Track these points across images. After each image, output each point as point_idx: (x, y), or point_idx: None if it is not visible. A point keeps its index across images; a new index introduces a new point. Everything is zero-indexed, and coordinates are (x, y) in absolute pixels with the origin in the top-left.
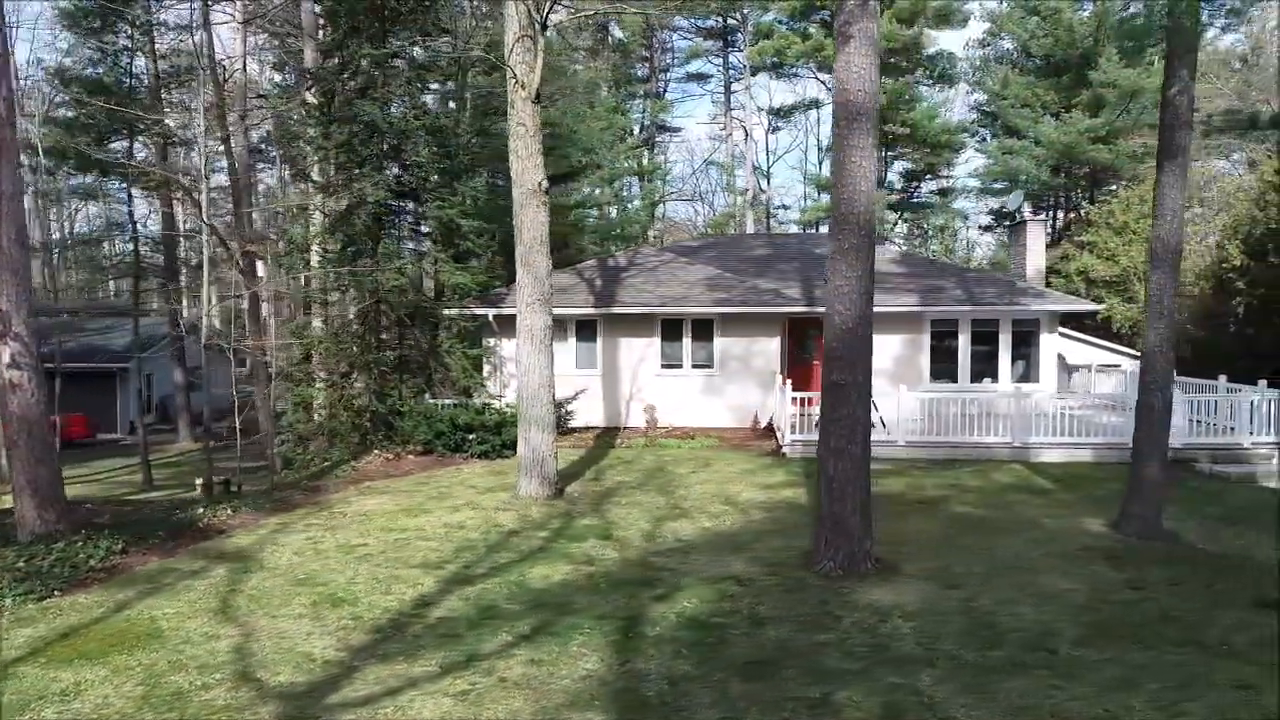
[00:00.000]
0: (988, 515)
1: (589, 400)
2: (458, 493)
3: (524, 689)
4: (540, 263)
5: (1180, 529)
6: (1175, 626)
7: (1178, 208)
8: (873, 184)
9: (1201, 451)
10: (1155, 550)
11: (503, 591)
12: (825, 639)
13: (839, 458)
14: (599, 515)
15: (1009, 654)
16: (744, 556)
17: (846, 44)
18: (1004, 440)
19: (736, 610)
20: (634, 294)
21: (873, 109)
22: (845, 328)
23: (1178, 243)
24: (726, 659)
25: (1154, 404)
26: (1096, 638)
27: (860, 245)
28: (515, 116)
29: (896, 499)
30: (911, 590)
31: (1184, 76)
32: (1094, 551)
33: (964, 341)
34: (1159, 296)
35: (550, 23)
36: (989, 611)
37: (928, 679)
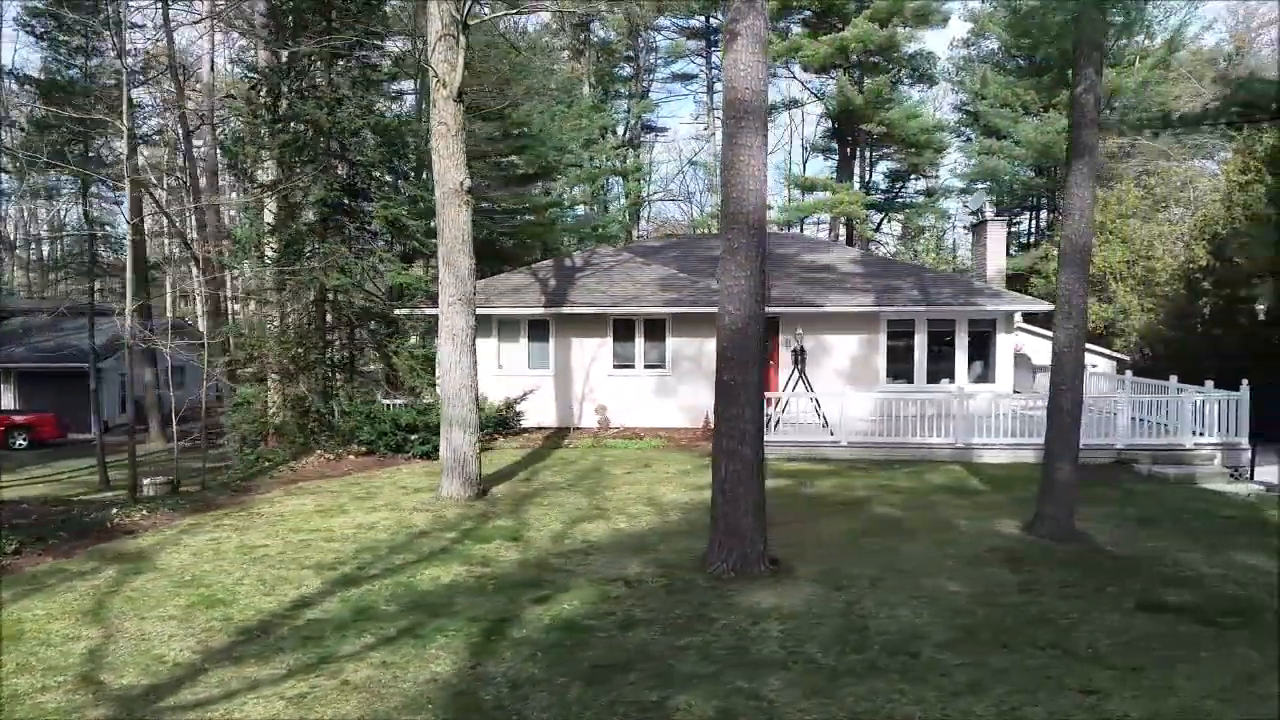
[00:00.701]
0: (906, 516)
1: (542, 400)
2: (384, 493)
3: (363, 692)
4: (462, 262)
5: (1096, 530)
6: (1048, 630)
7: (1085, 206)
8: (763, 183)
9: (1143, 452)
10: (1060, 552)
11: (386, 593)
12: (689, 642)
13: (730, 459)
14: (516, 516)
15: (870, 658)
16: (644, 558)
17: (734, 41)
18: (947, 441)
19: (611, 613)
20: (587, 294)
21: (761, 107)
22: (735, 328)
23: (1086, 242)
24: (579, 662)
25: (1063, 405)
26: (964, 641)
27: (750, 245)
28: (437, 115)
29: (821, 499)
30: (798, 592)
31: (1090, 75)
32: (998, 553)
33: (920, 341)
34: (1068, 296)
35: (470, 22)
36: (867, 614)
37: (776, 683)
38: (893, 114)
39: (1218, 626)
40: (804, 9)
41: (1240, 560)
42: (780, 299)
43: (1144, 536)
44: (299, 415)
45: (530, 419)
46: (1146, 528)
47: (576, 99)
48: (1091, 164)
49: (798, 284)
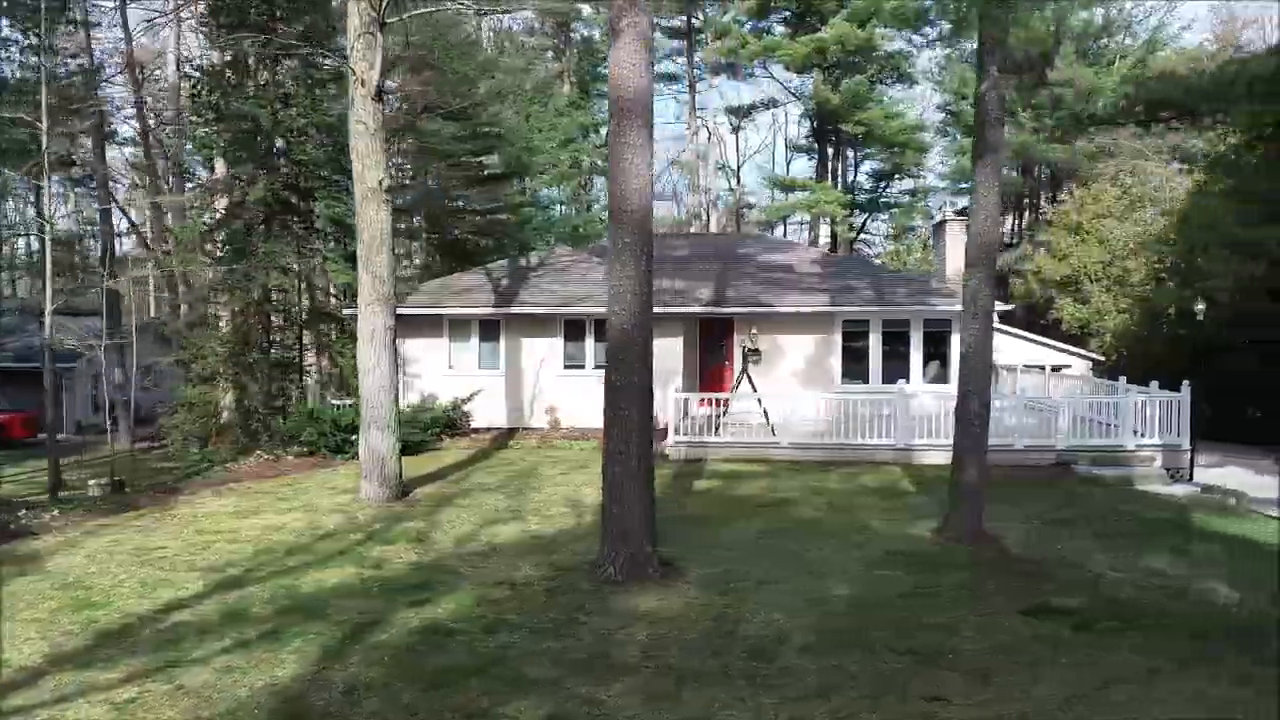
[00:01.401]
0: (824, 518)
1: (492, 401)
2: (309, 495)
3: (194, 698)
4: (381, 262)
5: (1009, 533)
6: (918, 635)
7: (991, 206)
8: (647, 182)
9: (1084, 453)
10: (963, 555)
11: (265, 596)
12: (548, 647)
13: (617, 462)
14: (430, 518)
15: (725, 662)
16: (543, 560)
17: (617, 39)
18: (889, 443)
19: (483, 616)
20: (538, 294)
21: (645, 105)
22: (620, 328)
23: (993, 241)
24: (426, 666)
25: (970, 406)
26: (828, 646)
27: (635, 244)
28: (355, 114)
29: (744, 501)
30: (681, 595)
31: (993, 72)
32: (900, 556)
33: (875, 342)
34: (973, 297)
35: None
36: (741, 618)
37: (619, 689)
38: (871, 114)
39: (1095, 632)
40: (784, 9)
41: (1147, 564)
42: (735, 299)
43: (1056, 539)
44: (242, 416)
45: (481, 419)
46: (1063, 530)
47: (554, 98)
48: (997, 163)
49: (754, 284)
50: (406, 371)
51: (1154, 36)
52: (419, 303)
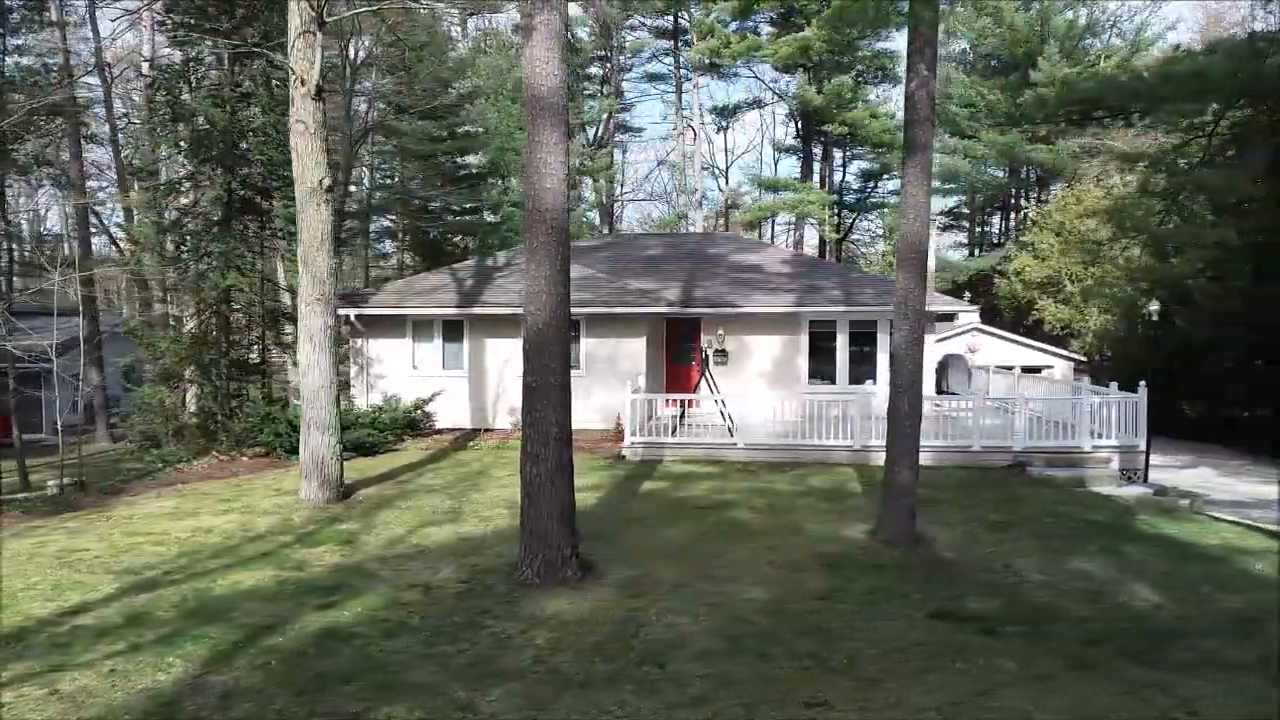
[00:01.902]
0: (761, 521)
1: (456, 401)
2: (252, 496)
3: (66, 703)
4: (321, 262)
5: (943, 535)
6: (818, 638)
7: (921, 205)
8: (562, 181)
9: (1040, 454)
10: (890, 557)
11: (175, 599)
12: (441, 650)
13: (535, 463)
14: (366, 519)
15: (617, 668)
16: (466, 562)
17: (530, 37)
18: (845, 444)
19: (386, 620)
20: (502, 294)
21: (559, 104)
22: (537, 329)
23: (922, 241)
24: (309, 671)
25: (901, 407)
26: (724, 651)
27: (551, 243)
28: (295, 113)
29: (686, 503)
30: (591, 598)
31: (922, 70)
32: (825, 558)
33: (842, 342)
34: (904, 297)
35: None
36: (646, 622)
37: (499, 694)
38: (856, 114)
39: (998, 635)
40: (769, 9)
41: (1076, 566)
42: (703, 299)
43: (990, 541)
44: (199, 416)
45: (445, 420)
46: (999, 532)
47: None
48: (926, 162)
49: (723, 284)
50: (370, 372)
51: (1138, 37)
52: (382, 303)
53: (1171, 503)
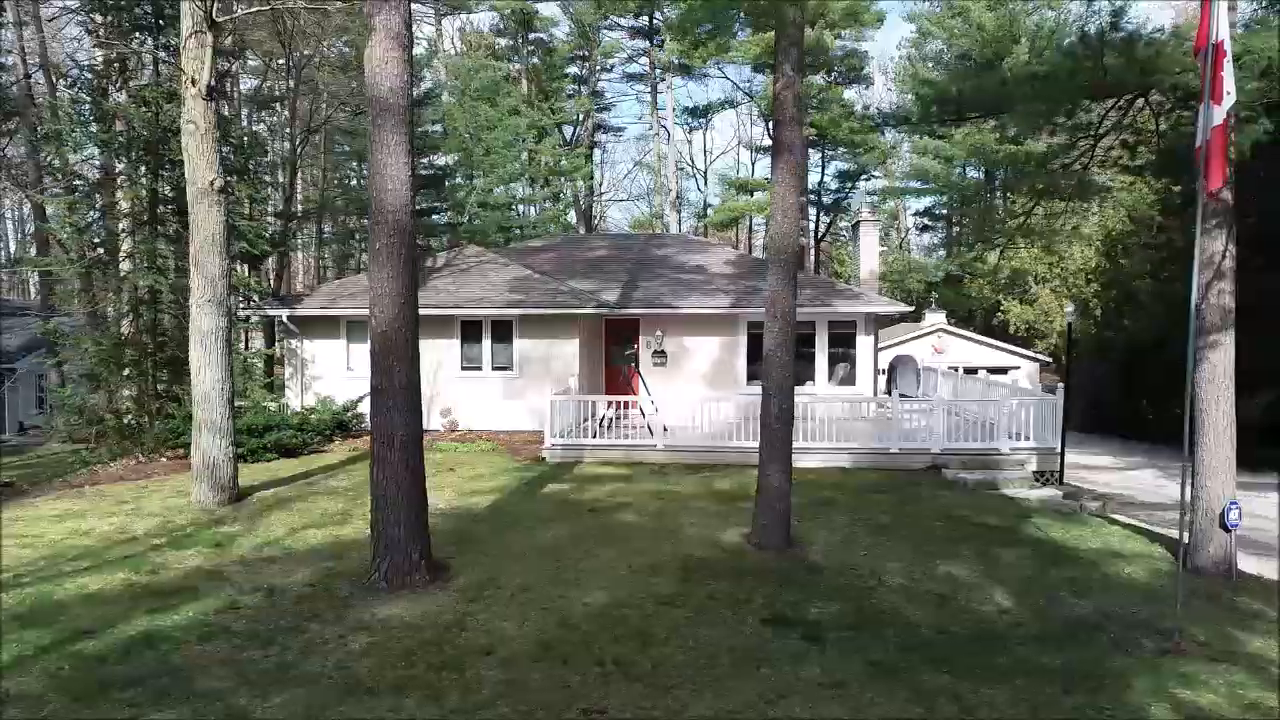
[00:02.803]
0: (644, 524)
1: None
2: (149, 498)
3: None
4: (212, 263)
5: (820, 539)
6: (633, 644)
7: (790, 207)
8: (405, 183)
9: (956, 457)
10: (755, 562)
11: (12, 601)
12: (250, 655)
13: (381, 467)
14: (250, 522)
15: (416, 673)
16: (324, 567)
17: (371, 37)
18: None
19: (211, 624)
20: (436, 295)
21: (400, 106)
22: (381, 331)
23: (792, 243)
24: (97, 677)
25: (770, 409)
26: (532, 655)
27: (394, 245)
28: (186, 114)
29: (578, 506)
30: (430, 604)
31: (788, 71)
32: (686, 563)
33: None
34: (773, 299)
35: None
36: (473, 627)
37: (281, 700)
38: (825, 115)
39: (820, 641)
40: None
41: (943, 571)
42: (641, 300)
43: (868, 545)
44: (118, 417)
45: None
46: (882, 536)
47: (506, 97)
48: (793, 163)
49: (664, 285)
50: (306, 373)
51: None
52: (315, 303)
53: (1073, 506)
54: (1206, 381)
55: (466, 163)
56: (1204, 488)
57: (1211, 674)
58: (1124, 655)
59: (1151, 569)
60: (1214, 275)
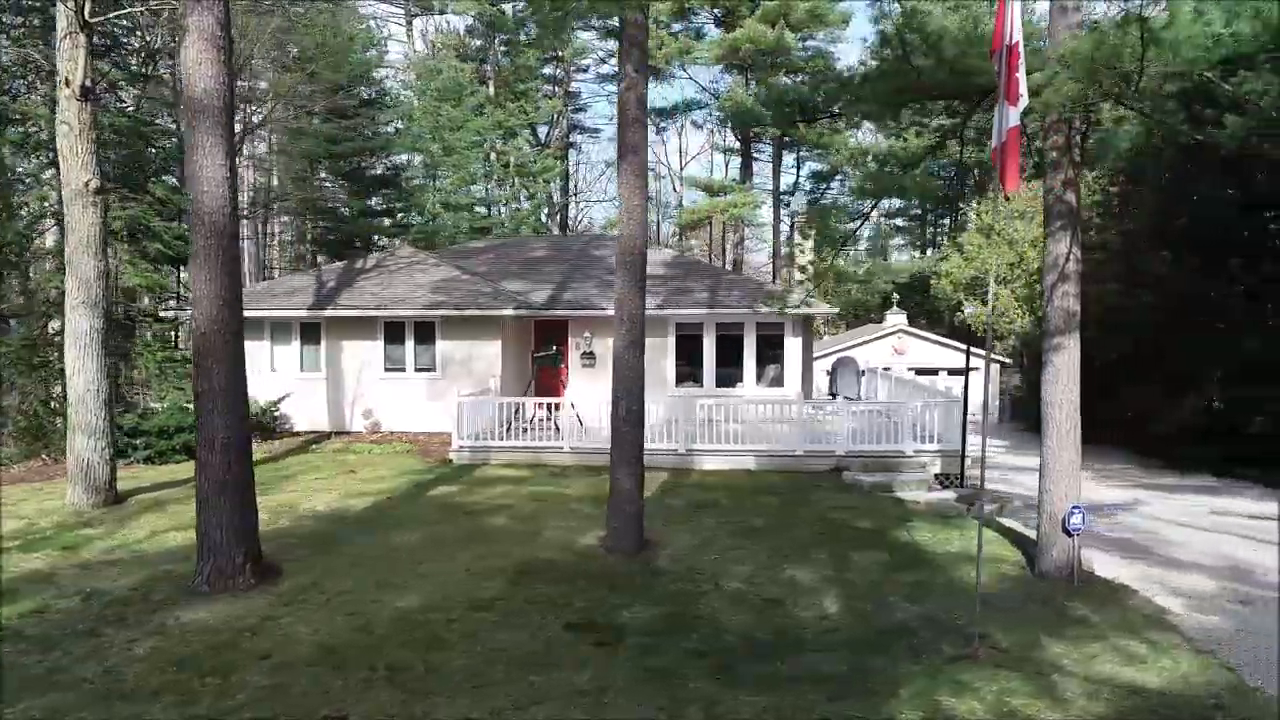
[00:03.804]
0: (509, 526)
1: (315, 404)
2: (33, 500)
3: None
4: (87, 265)
5: (680, 541)
6: (420, 649)
7: (635, 209)
8: (222, 184)
9: (858, 459)
10: (599, 565)
11: None
12: (23, 662)
13: (204, 470)
14: (117, 525)
15: (182, 678)
16: (161, 569)
17: (185, 37)
18: (670, 447)
19: (12, 628)
20: (360, 296)
21: (217, 107)
22: (201, 332)
23: (639, 245)
24: None
25: (619, 411)
26: (308, 661)
27: (213, 247)
28: (60, 114)
29: (454, 508)
30: (242, 608)
31: (630, 72)
32: (530, 566)
33: (709, 345)
34: (621, 301)
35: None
36: (265, 633)
37: (28, 705)
38: None
39: (613, 647)
40: (704, 8)
41: (788, 575)
42: (570, 302)
43: (725, 548)
44: (26, 418)
45: (303, 422)
46: (744, 539)
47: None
48: (638, 165)
49: (595, 286)
50: None
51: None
52: None
53: (961, 509)
54: (1050, 384)
55: (430, 163)
56: (1048, 491)
57: (991, 680)
58: (914, 662)
59: (999, 574)
60: (1058, 278)
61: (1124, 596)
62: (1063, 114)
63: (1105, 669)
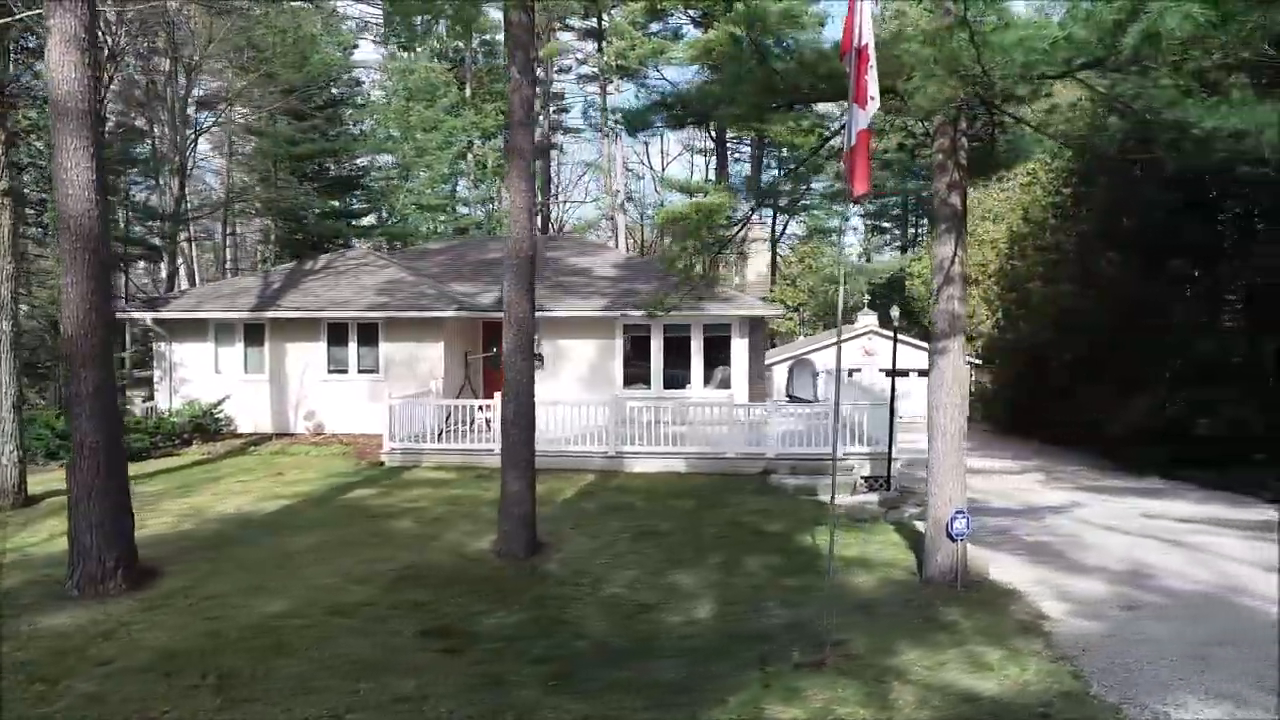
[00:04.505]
0: (408, 530)
1: (258, 405)
2: None
3: None
4: None
5: (576, 546)
6: (257, 656)
7: (520, 210)
8: (88, 187)
9: (787, 462)
10: (485, 570)
11: None
12: None
13: (72, 473)
14: (20, 527)
15: (9, 684)
16: (45, 572)
17: (49, 38)
18: (600, 450)
19: None
20: (304, 297)
21: (80, 109)
22: (69, 336)
23: (526, 247)
24: None
25: (507, 415)
26: (140, 669)
27: (79, 250)
28: None
29: (362, 511)
30: (105, 613)
31: (514, 75)
32: (413, 571)
33: (656, 347)
34: (509, 304)
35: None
36: (117, 638)
37: None
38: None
39: (460, 654)
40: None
41: (673, 580)
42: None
43: (618, 553)
44: None
45: (247, 424)
46: (643, 543)
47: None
48: (526, 167)
49: (546, 288)
50: (175, 376)
51: None
52: (183, 306)
53: (879, 512)
54: (935, 388)
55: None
56: (934, 495)
57: (827, 687)
58: (761, 669)
59: (886, 578)
60: (944, 280)
61: (1006, 602)
62: (948, 117)
63: (948, 676)
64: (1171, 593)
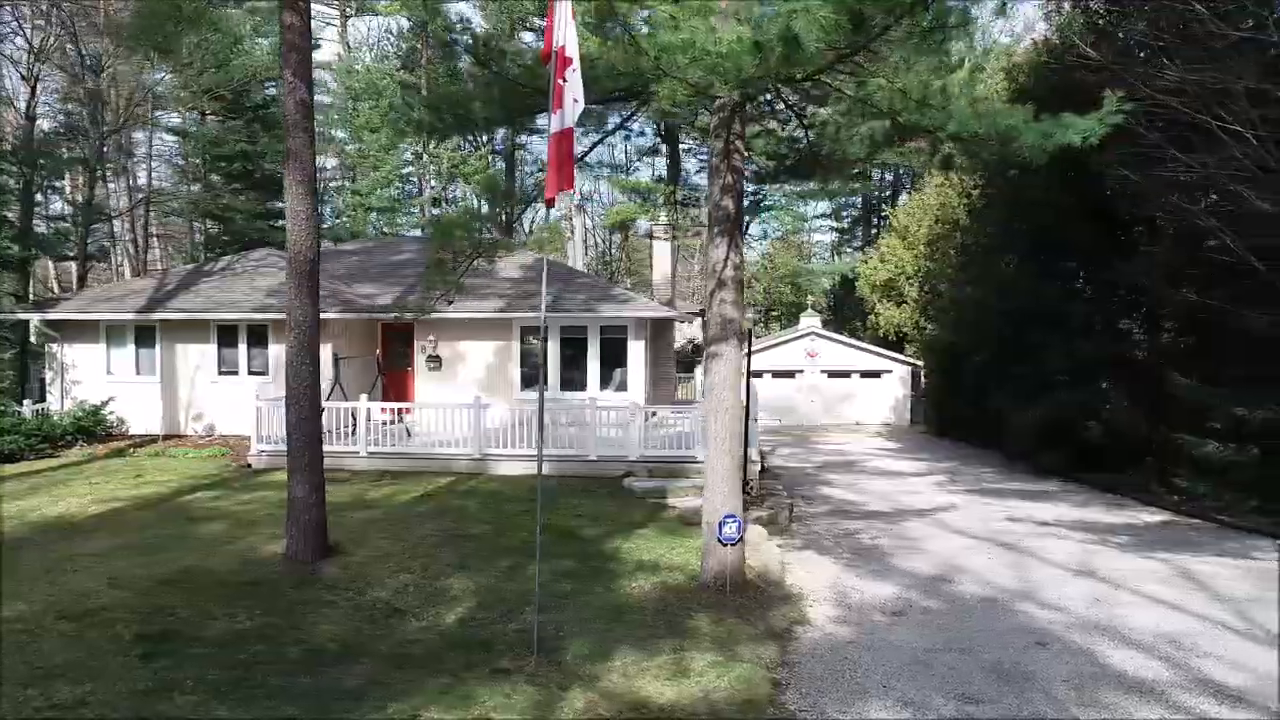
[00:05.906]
0: (216, 533)
1: (149, 407)
2: None
3: None
4: None
5: (373, 550)
6: None
7: (298, 214)
8: None
9: (647, 464)
10: (259, 574)
11: None
12: None
13: None
14: None
15: None
16: None
17: None
18: (466, 452)
19: None
20: (195, 299)
21: None
22: None
23: (307, 250)
24: None
25: (291, 419)
26: None
27: None
28: None
29: (185, 513)
30: None
31: (288, 78)
32: (182, 575)
33: (553, 349)
34: (289, 308)
35: None
36: None
37: None
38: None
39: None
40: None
41: (445, 584)
42: (413, 304)
43: (415, 558)
44: None
45: (139, 425)
46: (446, 548)
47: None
48: (300, 170)
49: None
50: (66, 378)
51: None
52: (73, 307)
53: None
54: (709, 391)
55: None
56: (708, 500)
57: (503, 694)
58: (455, 675)
59: (664, 583)
60: (717, 284)
61: (772, 607)
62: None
63: (637, 684)
64: (955, 598)
